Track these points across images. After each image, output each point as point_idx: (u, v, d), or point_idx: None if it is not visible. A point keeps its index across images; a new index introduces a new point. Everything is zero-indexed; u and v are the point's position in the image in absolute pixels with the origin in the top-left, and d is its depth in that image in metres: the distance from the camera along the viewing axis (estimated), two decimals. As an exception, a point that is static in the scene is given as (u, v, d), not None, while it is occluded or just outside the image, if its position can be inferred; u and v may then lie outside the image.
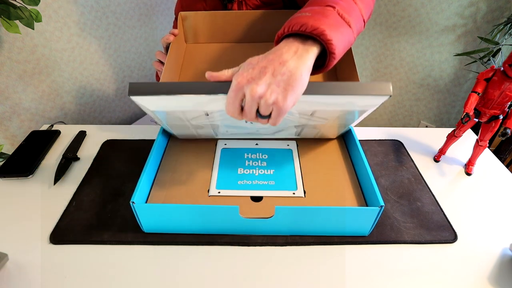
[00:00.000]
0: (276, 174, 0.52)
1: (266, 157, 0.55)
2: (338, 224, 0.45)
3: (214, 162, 0.55)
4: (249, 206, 0.47)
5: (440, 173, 0.60)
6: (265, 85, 0.32)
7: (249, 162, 0.54)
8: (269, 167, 0.54)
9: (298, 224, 0.46)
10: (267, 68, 0.33)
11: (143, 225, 0.46)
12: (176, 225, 0.46)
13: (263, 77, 0.33)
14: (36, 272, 0.43)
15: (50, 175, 0.57)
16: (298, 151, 0.57)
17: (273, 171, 0.53)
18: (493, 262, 0.45)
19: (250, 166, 0.54)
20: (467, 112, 0.51)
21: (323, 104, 0.41)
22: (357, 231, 0.47)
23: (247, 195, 0.49)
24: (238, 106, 0.34)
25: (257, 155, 0.56)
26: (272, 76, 0.33)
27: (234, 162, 0.54)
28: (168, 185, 0.51)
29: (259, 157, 0.56)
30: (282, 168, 0.53)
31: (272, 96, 0.32)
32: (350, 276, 0.43)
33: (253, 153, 0.56)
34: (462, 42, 1.37)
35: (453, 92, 1.52)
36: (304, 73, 0.33)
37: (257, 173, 0.52)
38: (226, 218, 0.45)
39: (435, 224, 0.49)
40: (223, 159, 0.55)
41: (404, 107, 1.69)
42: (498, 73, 0.50)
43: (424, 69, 1.51)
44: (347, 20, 0.39)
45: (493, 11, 1.26)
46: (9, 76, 1.01)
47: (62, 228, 0.48)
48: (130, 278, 0.42)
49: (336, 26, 0.36)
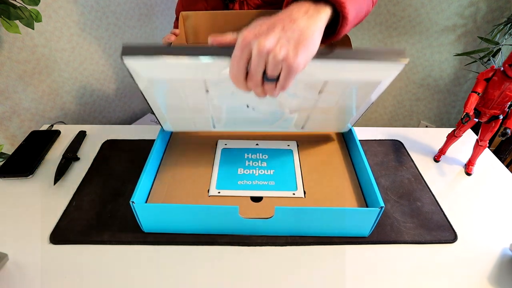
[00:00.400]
0: (276, 174, 0.52)
1: (266, 157, 0.55)
2: (338, 225, 0.45)
3: (214, 162, 0.54)
4: (249, 206, 0.47)
5: (440, 173, 0.60)
6: (274, 39, 0.29)
7: (249, 162, 0.54)
8: (269, 167, 0.54)
9: (298, 225, 0.46)
10: (277, 24, 0.30)
11: (142, 225, 0.46)
12: (176, 225, 0.46)
13: (271, 32, 0.29)
14: (36, 272, 0.42)
15: (50, 175, 0.57)
16: (299, 151, 0.57)
17: (273, 171, 0.53)
18: (493, 262, 0.45)
19: (250, 166, 0.54)
20: (467, 112, 0.51)
21: (335, 72, 0.38)
22: (357, 232, 0.47)
23: (247, 195, 0.49)
24: (243, 67, 0.31)
25: (257, 155, 0.56)
26: (282, 31, 0.30)
27: (234, 162, 0.54)
28: (168, 185, 0.51)
29: (259, 157, 0.55)
30: (282, 168, 0.53)
31: (282, 51, 0.29)
32: (350, 276, 0.43)
33: (253, 153, 0.56)
34: (462, 42, 1.37)
35: (453, 92, 1.52)
36: (316, 33, 0.31)
37: (257, 173, 0.52)
38: (226, 218, 0.45)
39: (435, 224, 0.49)
40: (223, 159, 0.55)
41: (404, 107, 1.69)
42: (498, 73, 0.50)
43: (424, 69, 1.51)
44: None
45: (493, 11, 1.26)
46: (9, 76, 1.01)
47: (62, 228, 0.48)
48: (130, 278, 0.42)
49: None
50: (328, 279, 0.42)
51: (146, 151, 0.51)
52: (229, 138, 0.59)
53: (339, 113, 0.51)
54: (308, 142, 0.59)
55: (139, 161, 0.49)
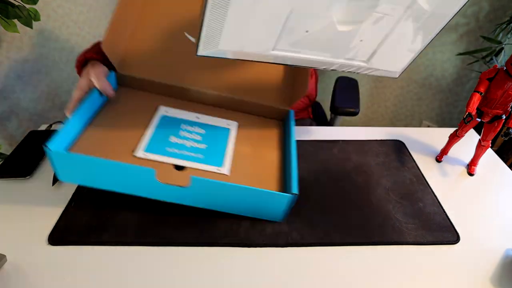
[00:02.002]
0: (207, 150, 0.52)
1: (202, 132, 0.55)
2: (250, 205, 0.47)
3: (150, 126, 0.53)
4: (170, 173, 0.47)
5: (442, 173, 0.60)
6: None
7: (184, 133, 0.54)
8: (202, 141, 0.54)
9: (213, 199, 0.47)
10: None
11: (58, 174, 0.45)
12: (93, 179, 0.45)
13: None
14: (34, 273, 0.42)
15: (48, 176, 0.57)
16: (237, 132, 0.57)
17: (206, 146, 0.53)
18: (495, 263, 0.44)
19: (184, 137, 0.53)
20: (469, 112, 0.51)
21: None
22: (270, 215, 0.48)
23: (172, 163, 0.49)
24: None
25: (194, 128, 0.56)
26: None
27: (169, 130, 0.54)
28: (95, 140, 0.49)
29: (196, 131, 0.55)
30: (215, 145, 0.54)
31: None
32: (352, 277, 0.42)
33: (191, 126, 0.56)
34: (464, 42, 1.37)
35: (455, 92, 1.51)
36: None
37: (189, 145, 0.52)
38: (142, 179, 0.44)
39: (437, 225, 0.49)
40: (160, 124, 0.54)
41: (406, 107, 1.68)
42: (500, 72, 0.50)
43: (426, 69, 1.51)
44: None
45: (495, 10, 1.25)
46: (7, 75, 1.00)
47: (61, 229, 0.47)
48: (130, 279, 0.42)
49: None
50: (329, 280, 0.42)
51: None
52: (172, 107, 0.59)
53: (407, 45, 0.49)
54: (250, 125, 0.60)
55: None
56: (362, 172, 0.58)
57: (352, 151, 0.63)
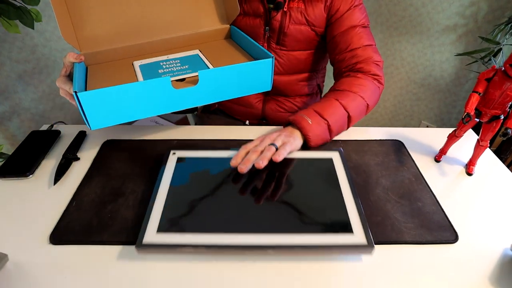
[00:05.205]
0: (190, 67, 0.64)
1: (178, 62, 0.66)
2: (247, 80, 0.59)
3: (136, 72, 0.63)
4: (178, 83, 0.58)
5: (441, 173, 0.60)
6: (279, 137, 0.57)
7: (167, 65, 0.65)
8: (183, 64, 0.65)
9: (219, 88, 0.58)
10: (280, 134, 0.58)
11: (90, 120, 0.51)
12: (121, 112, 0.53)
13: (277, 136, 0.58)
14: (36, 272, 0.42)
15: (50, 175, 0.57)
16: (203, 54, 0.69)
17: (187, 66, 0.64)
18: (494, 263, 0.45)
19: (168, 66, 0.65)
20: (468, 112, 0.51)
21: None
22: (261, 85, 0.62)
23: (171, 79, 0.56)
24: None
25: (171, 62, 0.67)
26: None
27: (153, 69, 0.64)
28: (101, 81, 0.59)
29: (173, 63, 0.66)
30: (193, 64, 0.65)
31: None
32: (351, 276, 0.43)
33: (167, 62, 0.67)
34: (463, 42, 1.37)
35: (454, 92, 1.52)
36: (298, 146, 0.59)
37: (175, 69, 0.64)
38: (161, 91, 0.53)
39: (436, 224, 0.49)
40: (142, 69, 0.64)
41: (405, 107, 1.68)
42: (499, 73, 0.50)
43: (425, 69, 1.51)
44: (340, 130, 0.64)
45: (494, 11, 1.26)
46: (9, 76, 1.01)
47: (62, 228, 0.48)
48: (130, 278, 0.42)
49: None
50: (328, 279, 0.42)
51: (146, 151, 0.51)
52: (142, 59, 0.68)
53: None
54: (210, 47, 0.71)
55: (139, 161, 0.49)
56: (361, 172, 0.59)
57: (351, 151, 0.64)
